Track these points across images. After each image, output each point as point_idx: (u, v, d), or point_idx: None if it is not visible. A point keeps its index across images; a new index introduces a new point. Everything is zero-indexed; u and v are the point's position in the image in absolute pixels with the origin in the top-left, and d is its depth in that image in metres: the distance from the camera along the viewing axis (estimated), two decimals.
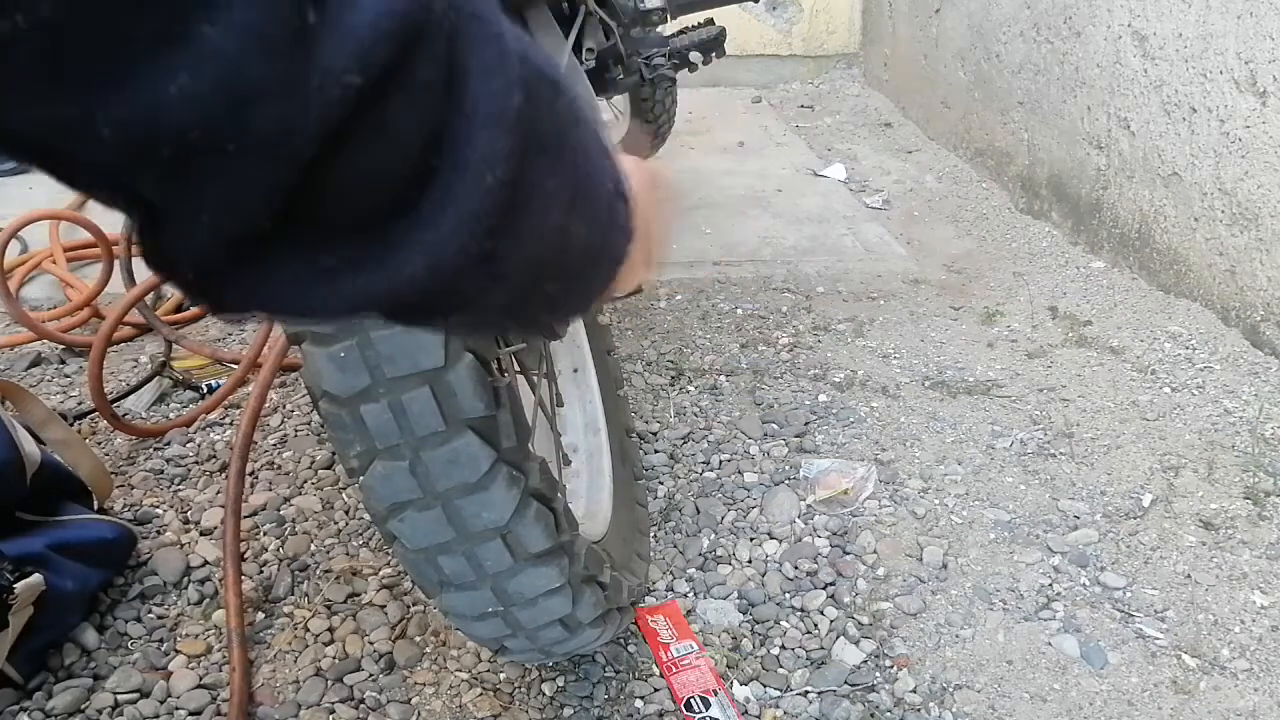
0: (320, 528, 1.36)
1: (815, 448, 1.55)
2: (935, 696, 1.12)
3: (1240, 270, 1.81)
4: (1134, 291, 2.05)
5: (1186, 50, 1.88)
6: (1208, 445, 1.55)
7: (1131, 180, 2.10)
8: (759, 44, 3.80)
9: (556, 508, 0.86)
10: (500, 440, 0.79)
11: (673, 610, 1.22)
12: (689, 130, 3.17)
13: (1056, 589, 1.27)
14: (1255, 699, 1.11)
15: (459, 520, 0.80)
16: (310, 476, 1.47)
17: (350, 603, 1.24)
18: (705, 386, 1.72)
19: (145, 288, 1.68)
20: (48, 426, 1.32)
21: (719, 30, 2.08)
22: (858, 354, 1.85)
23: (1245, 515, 1.39)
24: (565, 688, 1.12)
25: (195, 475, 1.48)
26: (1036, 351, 1.85)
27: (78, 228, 2.12)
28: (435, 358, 0.74)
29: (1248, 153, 1.75)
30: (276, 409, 1.64)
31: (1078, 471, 1.49)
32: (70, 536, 1.16)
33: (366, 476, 0.79)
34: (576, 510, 1.11)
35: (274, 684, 1.12)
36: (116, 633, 1.18)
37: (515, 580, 0.85)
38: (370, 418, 0.76)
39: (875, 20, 3.68)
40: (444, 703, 1.10)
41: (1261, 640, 1.18)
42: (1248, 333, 1.81)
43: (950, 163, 2.91)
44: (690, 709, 1.08)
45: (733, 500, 1.43)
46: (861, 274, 2.21)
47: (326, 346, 0.75)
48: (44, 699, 1.08)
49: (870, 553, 1.32)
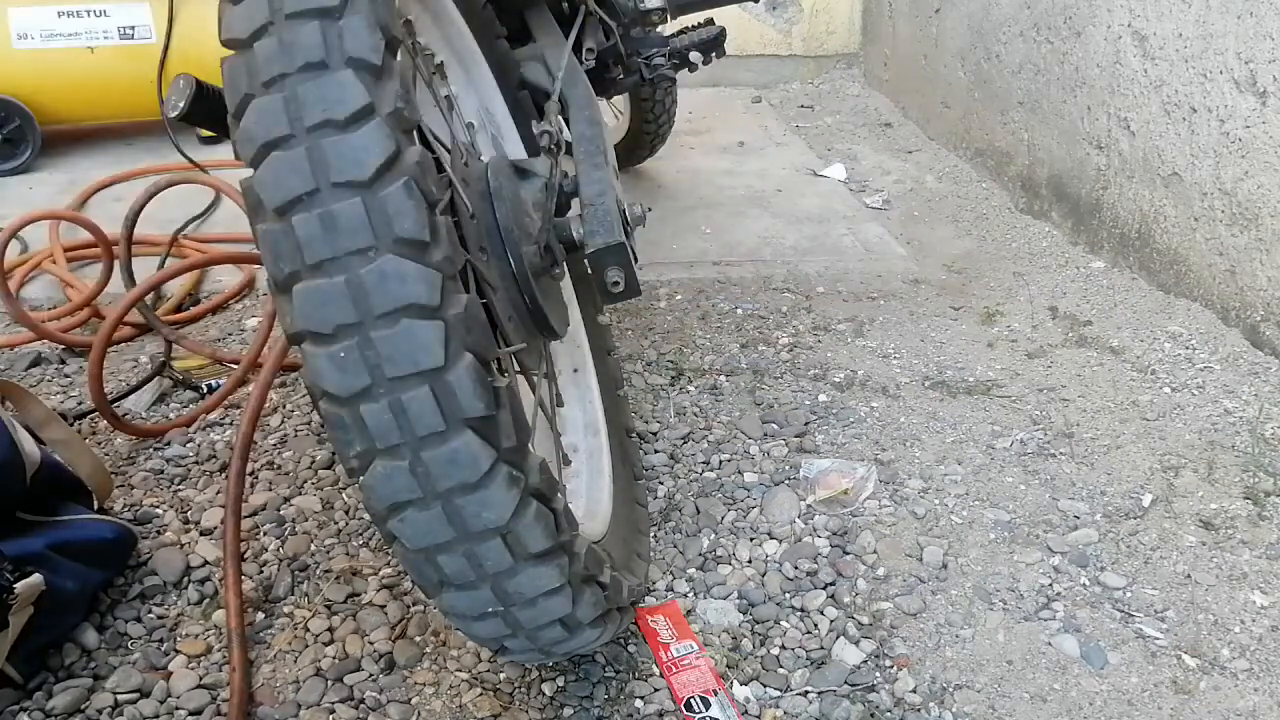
0: (320, 528, 1.36)
1: (815, 448, 1.55)
2: (935, 696, 1.12)
3: (1240, 270, 1.81)
4: (1134, 291, 2.05)
5: (1186, 50, 1.88)
6: (1208, 445, 1.55)
7: (1131, 180, 2.10)
8: (759, 44, 3.80)
9: (556, 508, 0.86)
10: (500, 440, 0.79)
11: (673, 610, 1.22)
12: (689, 130, 3.17)
13: (1056, 589, 1.27)
14: (1255, 699, 1.11)
15: (459, 520, 0.80)
16: (310, 476, 1.47)
17: (350, 603, 1.24)
18: (705, 386, 1.72)
19: (145, 288, 1.68)
20: (48, 426, 1.32)
21: (719, 30, 2.08)
22: (858, 354, 1.85)
23: (1245, 515, 1.39)
24: (565, 688, 1.12)
25: (195, 475, 1.48)
26: (1036, 351, 1.85)
27: (78, 228, 2.12)
28: (435, 358, 0.74)
29: (1248, 153, 1.75)
30: (276, 409, 1.64)
31: (1078, 471, 1.49)
32: (70, 536, 1.16)
33: (366, 476, 0.79)
34: (576, 510, 1.11)
35: (274, 684, 1.12)
36: (116, 633, 1.18)
37: (515, 580, 0.85)
38: (370, 418, 0.75)
39: (875, 20, 3.69)
40: (444, 703, 1.10)
41: (1261, 640, 1.18)
42: (1248, 333, 1.81)
43: (950, 163, 2.91)
44: (690, 709, 1.08)
45: (733, 500, 1.43)
46: (861, 274, 2.21)
47: (326, 346, 0.75)
48: (44, 699, 1.08)
49: (870, 553, 1.33)
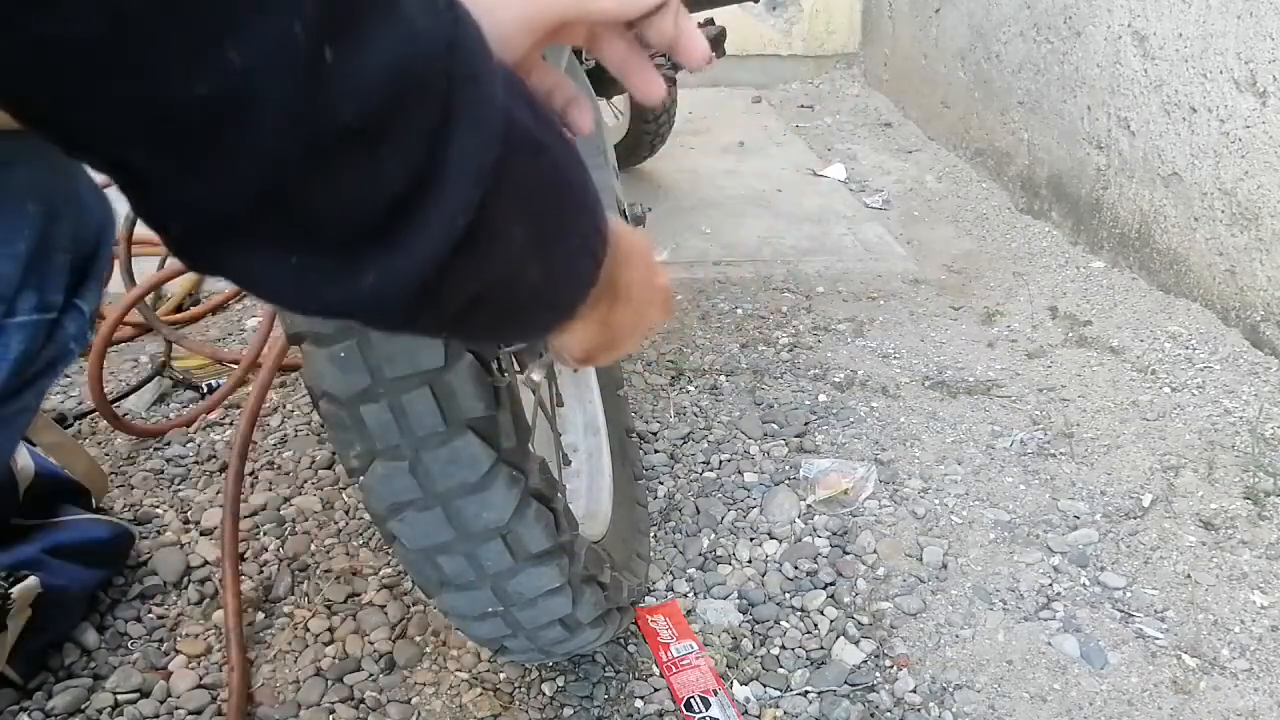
0: (320, 528, 1.36)
1: (815, 448, 1.55)
2: (935, 696, 1.12)
3: (1240, 270, 1.81)
4: (1134, 291, 2.05)
5: (1186, 50, 1.88)
6: (1208, 445, 1.55)
7: (1131, 180, 2.10)
8: (759, 44, 3.80)
9: (556, 508, 0.86)
10: (500, 440, 0.78)
11: (673, 610, 1.22)
12: (689, 130, 3.17)
13: (1056, 589, 1.27)
14: (1255, 699, 1.11)
15: (459, 520, 0.80)
16: (310, 476, 1.47)
17: (350, 603, 1.24)
18: (705, 386, 1.72)
19: (145, 288, 1.68)
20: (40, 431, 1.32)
21: (719, 30, 2.08)
22: (858, 354, 1.85)
23: (1245, 515, 1.39)
24: (565, 688, 1.12)
25: (195, 475, 1.48)
26: (1036, 351, 1.85)
27: None
28: (435, 358, 0.74)
29: (1248, 153, 1.75)
30: (276, 409, 1.64)
31: (1078, 471, 1.49)
32: (66, 539, 1.16)
33: (366, 476, 0.78)
34: (576, 510, 1.11)
35: (274, 684, 1.12)
36: (116, 633, 1.18)
37: (515, 580, 0.85)
38: (370, 418, 0.75)
39: (875, 20, 3.68)
40: (444, 703, 1.10)
41: (1261, 640, 1.18)
42: (1248, 333, 1.81)
43: (950, 162, 2.91)
44: (690, 709, 1.08)
45: (733, 500, 1.43)
46: (861, 274, 2.21)
47: (326, 346, 0.74)
48: (44, 699, 1.08)
49: (870, 553, 1.32)
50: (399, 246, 0.33)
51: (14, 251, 0.56)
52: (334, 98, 0.28)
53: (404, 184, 0.32)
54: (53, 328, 0.61)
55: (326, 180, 0.30)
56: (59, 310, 0.61)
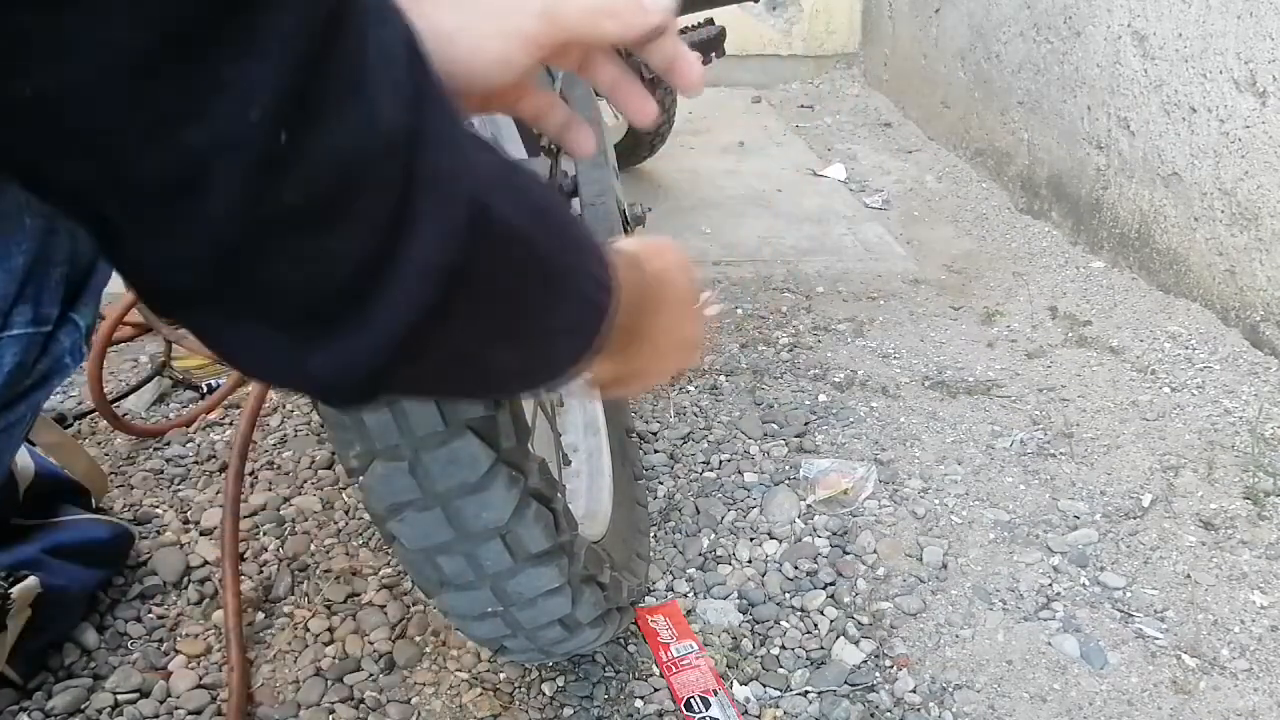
0: (320, 528, 1.36)
1: (815, 448, 1.55)
2: (935, 696, 1.12)
3: (1240, 270, 1.81)
4: (1134, 291, 2.05)
5: (1186, 50, 1.88)
6: (1208, 445, 1.55)
7: (1131, 180, 2.10)
8: (759, 44, 3.80)
9: (556, 508, 0.86)
10: (500, 440, 0.78)
11: (673, 610, 1.22)
12: (689, 130, 3.16)
13: (1056, 589, 1.27)
14: (1255, 699, 1.11)
15: (459, 520, 0.80)
16: (310, 476, 1.47)
17: (350, 603, 1.24)
18: (705, 386, 1.72)
19: None
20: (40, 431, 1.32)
21: (719, 30, 2.07)
22: (858, 354, 1.85)
23: (1245, 515, 1.39)
24: (565, 688, 1.12)
25: (195, 475, 1.48)
26: (1036, 351, 1.85)
27: None
28: None
29: (1248, 153, 1.75)
30: (276, 409, 1.64)
31: (1078, 471, 1.49)
32: (65, 539, 1.16)
33: (366, 476, 0.78)
34: (576, 510, 1.11)
35: (274, 684, 1.12)
36: (116, 633, 1.18)
37: (515, 580, 0.85)
38: (370, 418, 0.75)
39: (875, 20, 3.68)
40: (444, 703, 1.10)
41: (1261, 640, 1.18)
42: (1248, 333, 1.81)
43: (950, 163, 2.91)
44: (690, 709, 1.08)
45: (733, 500, 1.43)
46: (861, 274, 2.21)
47: None
48: (44, 699, 1.08)
49: (870, 553, 1.32)
50: (350, 334, 0.33)
51: (10, 265, 0.56)
52: (285, 181, 0.29)
53: (355, 272, 0.32)
54: (47, 341, 0.61)
55: (276, 259, 0.30)
56: (54, 324, 0.61)
